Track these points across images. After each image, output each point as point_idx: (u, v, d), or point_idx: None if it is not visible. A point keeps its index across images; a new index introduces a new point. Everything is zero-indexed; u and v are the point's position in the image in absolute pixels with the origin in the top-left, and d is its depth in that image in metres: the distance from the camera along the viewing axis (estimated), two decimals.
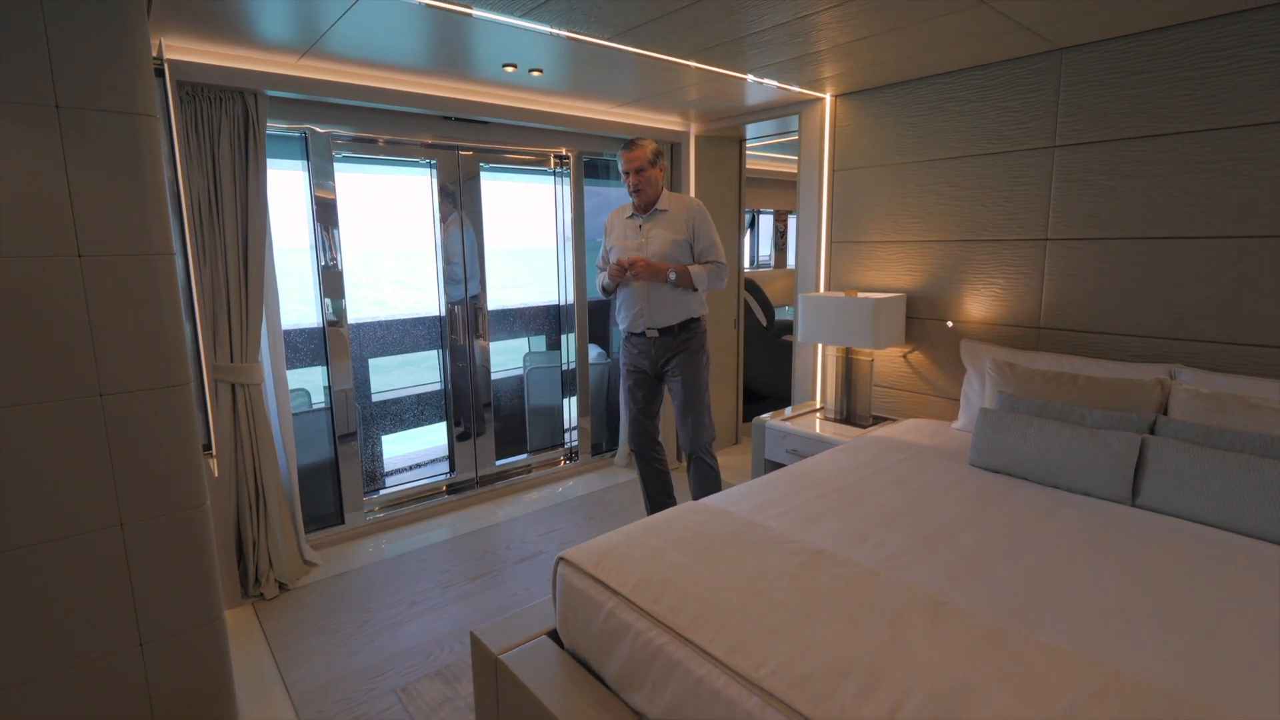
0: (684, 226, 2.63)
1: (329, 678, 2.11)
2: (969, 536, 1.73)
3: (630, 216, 2.73)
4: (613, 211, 2.84)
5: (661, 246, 2.62)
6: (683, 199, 2.69)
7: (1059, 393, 2.22)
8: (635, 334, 2.74)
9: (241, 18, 1.97)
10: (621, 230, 2.74)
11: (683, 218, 2.63)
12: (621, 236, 2.73)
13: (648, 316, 2.67)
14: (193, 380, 1.76)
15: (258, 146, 2.38)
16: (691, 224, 2.63)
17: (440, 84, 2.79)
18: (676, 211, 2.65)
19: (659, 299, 2.64)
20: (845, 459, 2.35)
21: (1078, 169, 2.38)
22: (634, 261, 2.57)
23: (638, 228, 2.69)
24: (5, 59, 1.41)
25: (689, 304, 2.68)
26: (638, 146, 2.58)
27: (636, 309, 2.69)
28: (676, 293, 2.63)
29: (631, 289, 2.67)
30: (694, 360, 2.70)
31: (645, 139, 2.61)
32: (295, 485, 2.75)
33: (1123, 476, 1.91)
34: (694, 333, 2.72)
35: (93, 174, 1.53)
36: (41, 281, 1.50)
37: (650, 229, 2.66)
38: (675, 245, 2.62)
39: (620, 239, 2.73)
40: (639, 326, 2.70)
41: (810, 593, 1.43)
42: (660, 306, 2.65)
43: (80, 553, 1.61)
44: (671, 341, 2.69)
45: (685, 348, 2.70)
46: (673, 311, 2.65)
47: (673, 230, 2.63)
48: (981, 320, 2.69)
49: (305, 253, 2.87)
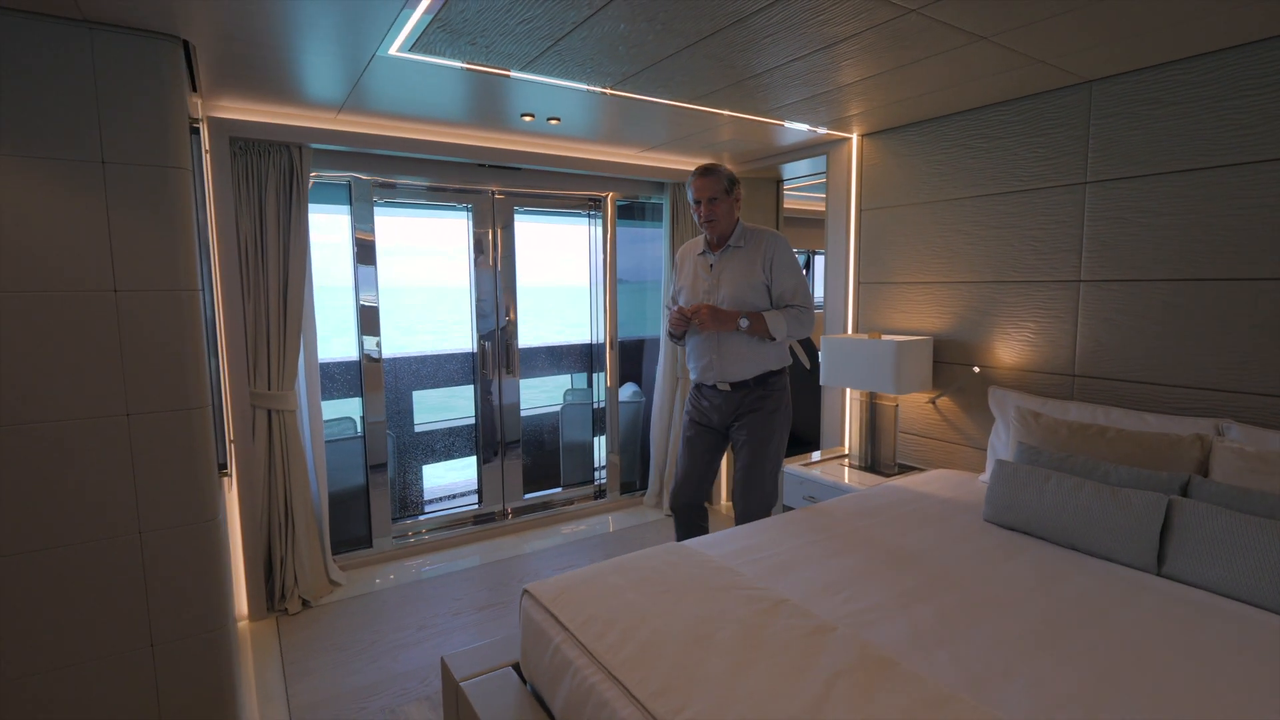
0: (760, 266, 2.34)
1: (327, 693, 2.19)
2: (954, 597, 1.60)
3: (702, 253, 2.46)
4: (684, 246, 2.59)
5: (734, 289, 2.34)
6: (760, 232, 2.40)
7: (1085, 446, 2.04)
8: (706, 385, 2.46)
9: (286, 81, 2.21)
10: (692, 269, 2.48)
11: (758, 256, 2.35)
12: (691, 276, 2.47)
13: (718, 369, 2.38)
14: (210, 404, 1.93)
15: (301, 194, 2.62)
16: (769, 262, 2.34)
17: (472, 133, 2.97)
18: (752, 248, 2.36)
19: (732, 349, 2.36)
20: (851, 507, 2.25)
21: (1111, 206, 2.22)
22: (697, 309, 2.31)
23: (708, 267, 2.42)
24: (64, 123, 1.65)
25: (766, 355, 2.37)
26: (711, 173, 2.32)
27: (706, 359, 2.41)
28: (752, 342, 2.34)
29: (701, 336, 2.41)
30: (767, 421, 2.39)
31: (719, 164, 2.36)
32: (325, 507, 2.91)
33: (1146, 541, 1.72)
34: (771, 389, 2.40)
35: (130, 219, 1.74)
36: (82, 312, 1.71)
37: (723, 268, 2.38)
38: (751, 288, 2.33)
39: (690, 279, 2.47)
40: (709, 378, 2.42)
41: (755, 642, 1.37)
42: (733, 357, 2.36)
43: (102, 556, 1.78)
44: (746, 397, 2.39)
45: (760, 406, 2.38)
46: (748, 364, 2.36)
47: (747, 270, 2.34)
48: (1013, 366, 2.53)
49: (348, 291, 3.10)
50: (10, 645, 1.69)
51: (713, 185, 2.31)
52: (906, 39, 1.84)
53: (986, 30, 1.80)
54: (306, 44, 1.89)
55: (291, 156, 2.59)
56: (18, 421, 1.66)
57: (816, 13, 1.66)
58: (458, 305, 3.54)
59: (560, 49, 1.88)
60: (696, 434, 2.50)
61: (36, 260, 1.65)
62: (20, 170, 1.62)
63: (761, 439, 2.39)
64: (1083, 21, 1.74)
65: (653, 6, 1.61)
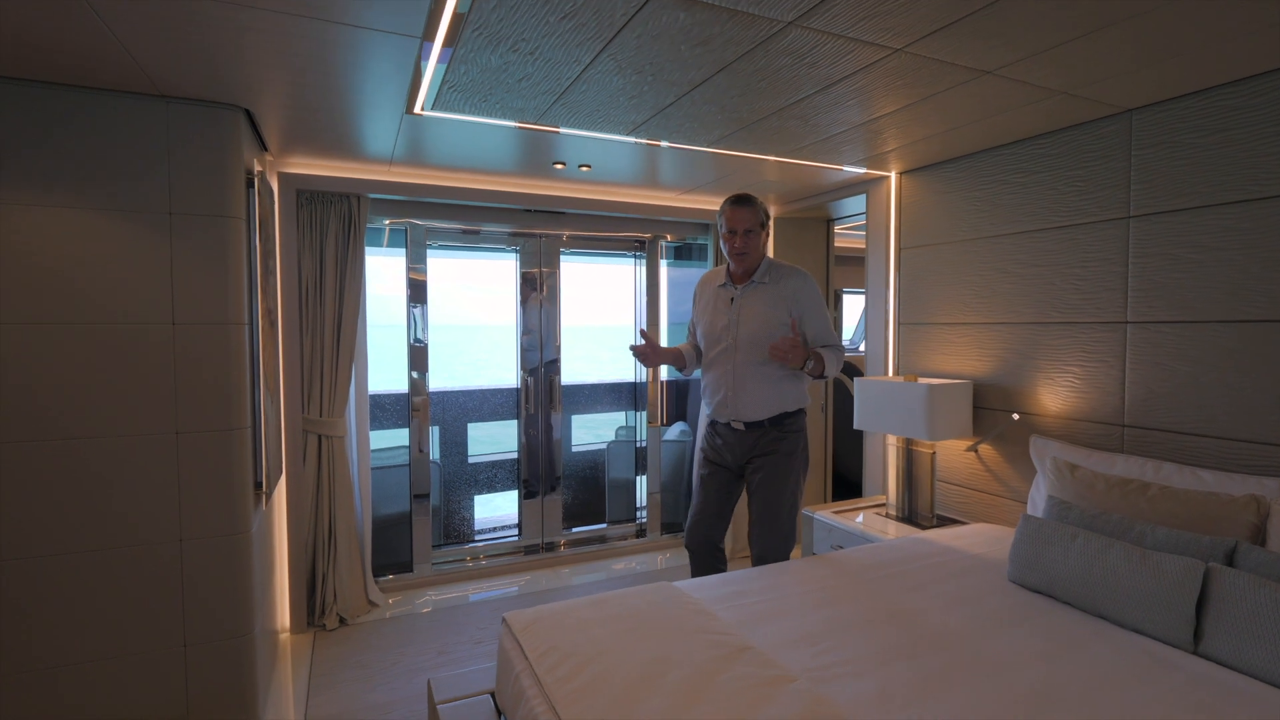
0: (786, 304, 2.25)
1: (341, 708, 2.30)
2: (942, 658, 1.49)
3: (723, 285, 2.36)
4: (703, 277, 2.50)
5: (756, 325, 2.24)
6: (786, 270, 2.31)
7: (1124, 504, 1.85)
8: (720, 423, 2.38)
9: (338, 139, 2.47)
10: (711, 301, 2.38)
11: (786, 294, 2.26)
12: (710, 309, 2.37)
13: (733, 406, 2.28)
14: (250, 426, 2.14)
15: (358, 239, 2.89)
16: (796, 302, 2.25)
17: (517, 180, 3.16)
18: (778, 285, 2.27)
19: (749, 386, 2.25)
20: (865, 557, 2.14)
21: (1157, 241, 2.05)
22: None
23: (729, 300, 2.32)
24: (140, 180, 1.94)
25: (784, 395, 2.26)
26: (748, 203, 2.23)
27: (721, 395, 2.31)
28: (771, 379, 2.24)
29: (719, 371, 2.32)
30: (783, 465, 2.28)
31: (754, 195, 2.27)
32: (368, 530, 3.09)
33: (1180, 613, 1.52)
34: (788, 431, 2.29)
35: (189, 261, 2.00)
36: (144, 341, 1.96)
37: (745, 303, 2.29)
38: (776, 327, 2.23)
39: (709, 312, 2.37)
40: (723, 416, 2.34)
41: (702, 687, 1.34)
42: (749, 396, 2.26)
43: (146, 560, 2.00)
44: (761, 439, 2.29)
45: (776, 449, 2.27)
46: (765, 403, 2.26)
47: (772, 307, 2.25)
48: (1058, 414, 2.33)
49: (400, 327, 3.34)
50: (60, 635, 1.92)
51: (750, 217, 2.23)
52: (903, 77, 1.82)
53: (988, 65, 1.75)
54: (347, 108, 2.12)
55: (350, 205, 2.87)
56: (82, 435, 1.91)
57: (800, 57, 1.69)
58: (504, 342, 3.72)
59: (566, 101, 2.01)
60: (710, 473, 2.43)
61: (109, 296, 1.92)
62: (102, 221, 1.91)
63: (777, 483, 2.29)
64: (1093, 51, 1.66)
65: (639, 59, 1.70)
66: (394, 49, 1.67)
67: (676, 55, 1.67)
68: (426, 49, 1.66)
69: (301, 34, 1.58)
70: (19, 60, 1.70)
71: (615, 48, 1.63)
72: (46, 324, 1.87)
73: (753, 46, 1.62)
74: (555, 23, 1.49)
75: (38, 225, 1.85)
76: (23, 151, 1.83)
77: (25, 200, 1.84)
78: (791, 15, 1.46)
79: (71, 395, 1.90)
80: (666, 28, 1.52)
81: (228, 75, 1.82)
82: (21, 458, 1.86)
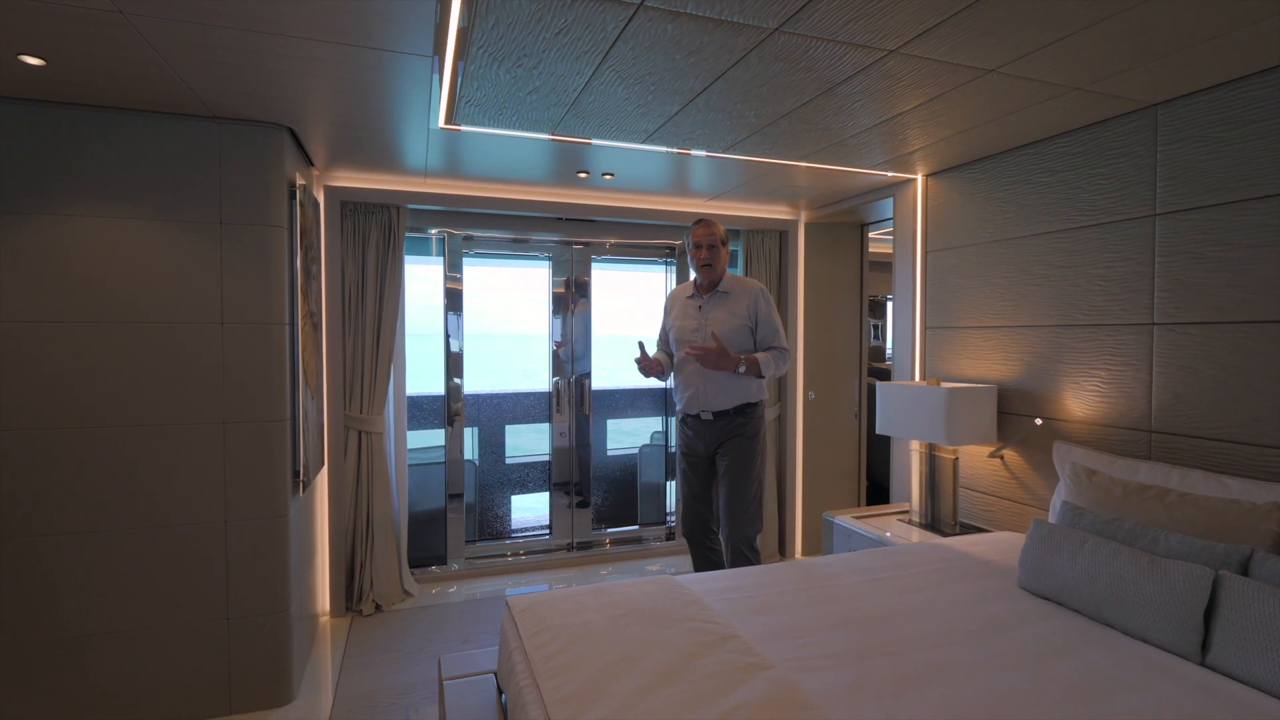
0: (746, 310, 2.60)
1: (368, 688, 2.44)
2: (926, 656, 1.48)
3: (691, 296, 2.71)
4: (673, 291, 2.85)
5: (720, 330, 2.56)
6: (745, 282, 2.67)
7: (1140, 510, 1.78)
8: (690, 416, 2.69)
9: (376, 153, 2.65)
10: (681, 310, 2.72)
11: (745, 301, 2.61)
12: (681, 317, 2.71)
13: (703, 399, 2.61)
14: (289, 418, 2.32)
15: (397, 247, 3.07)
16: (754, 308, 2.60)
17: (548, 189, 3.29)
18: (739, 295, 2.63)
19: (717, 381, 2.58)
20: (874, 559, 2.12)
21: (1185, 240, 1.97)
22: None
23: (697, 309, 2.66)
24: (195, 193, 2.15)
25: (747, 387, 2.60)
26: (710, 224, 2.62)
27: (692, 390, 2.64)
28: (735, 376, 2.56)
29: (690, 369, 2.62)
30: (747, 446, 2.60)
31: (713, 218, 2.66)
32: (404, 523, 3.26)
33: (1187, 622, 1.47)
34: (750, 418, 2.63)
35: (236, 266, 2.20)
36: (195, 340, 2.17)
37: (711, 310, 2.63)
38: (736, 330, 2.58)
39: (679, 319, 2.71)
40: (694, 409, 2.65)
41: (678, 670, 1.38)
42: (717, 389, 2.59)
43: (196, 538, 2.19)
44: (726, 425, 2.61)
45: (740, 433, 2.61)
46: (729, 395, 2.59)
47: (733, 314, 2.60)
48: (1083, 420, 2.26)
49: (438, 331, 3.52)
50: (116, 605, 2.12)
51: (714, 234, 2.62)
52: (903, 79, 1.83)
53: (988, 63, 1.74)
54: (379, 125, 2.28)
55: (390, 215, 3.06)
56: (139, 423, 2.12)
57: (794, 62, 1.73)
58: (538, 347, 3.84)
59: (577, 112, 2.10)
60: (689, 465, 2.73)
61: (164, 298, 2.13)
62: (160, 230, 2.13)
63: (743, 461, 2.59)
64: (1094, 45, 1.63)
65: (637, 69, 1.78)
66: (412, 69, 1.80)
67: (673, 65, 1.74)
68: (441, 68, 1.79)
69: (330, 59, 1.73)
70: (90, 89, 1.93)
71: (614, 59, 1.71)
72: (108, 323, 2.09)
73: (744, 54, 1.67)
74: (552, 38, 1.59)
75: (103, 236, 2.08)
76: (91, 171, 2.06)
77: (92, 214, 2.07)
78: (775, 22, 1.51)
79: (130, 387, 2.11)
80: (657, 39, 1.60)
81: (269, 97, 2.01)
82: (85, 443, 2.08)
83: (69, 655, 2.08)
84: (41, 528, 2.05)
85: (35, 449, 2.03)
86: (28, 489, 2.03)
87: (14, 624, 2.03)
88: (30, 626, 2.05)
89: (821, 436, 3.84)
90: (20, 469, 2.02)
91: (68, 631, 2.08)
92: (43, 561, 2.05)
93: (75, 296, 2.06)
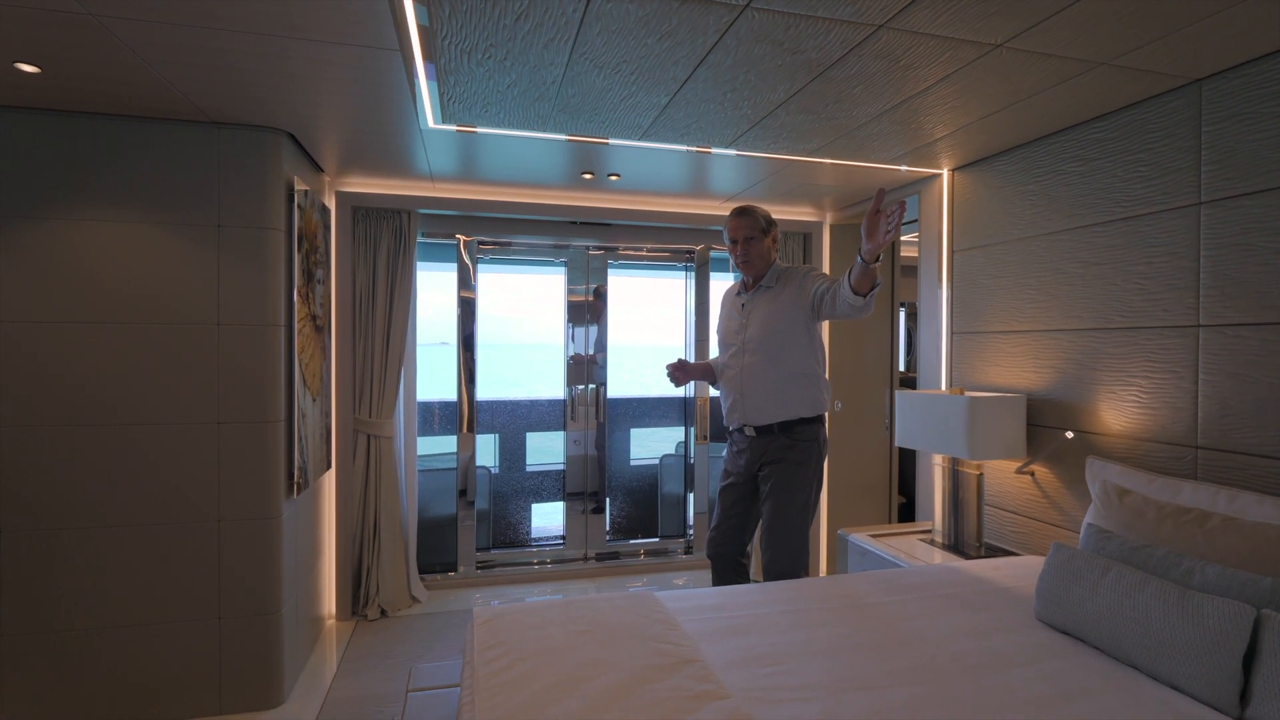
0: (791, 299, 2.23)
1: (359, 692, 2.41)
2: (908, 693, 1.32)
3: (738, 294, 2.41)
4: (726, 290, 2.54)
5: (761, 326, 2.25)
6: (791, 271, 2.31)
7: (1176, 535, 1.57)
8: (735, 430, 2.35)
9: (378, 157, 2.66)
10: (728, 310, 2.44)
11: (790, 289, 2.24)
12: (726, 317, 2.43)
13: (741, 410, 2.27)
14: (283, 419, 2.33)
15: (408, 252, 3.08)
16: (801, 288, 2.22)
17: (560, 193, 3.24)
18: (783, 285, 2.28)
19: (754, 387, 2.24)
20: (880, 582, 1.96)
21: (1234, 230, 1.74)
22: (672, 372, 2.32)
23: (740, 307, 2.35)
24: (193, 196, 2.19)
25: (791, 398, 2.20)
26: (746, 214, 2.28)
27: (732, 399, 2.31)
28: (779, 382, 2.21)
29: (727, 377, 2.34)
30: (792, 475, 2.20)
31: (755, 206, 2.32)
32: (413, 528, 3.24)
33: (1223, 668, 1.26)
34: (798, 439, 2.21)
35: (234, 268, 2.23)
36: (192, 341, 2.20)
37: (754, 308, 2.30)
38: (779, 320, 2.22)
39: (725, 319, 2.43)
40: (734, 421, 2.32)
41: (625, 694, 1.27)
42: (754, 398, 2.23)
43: (188, 536, 2.21)
44: (770, 445, 2.23)
45: (784, 458, 2.21)
46: (770, 406, 2.21)
47: (778, 308, 2.24)
48: (1121, 434, 2.03)
49: (452, 337, 3.51)
50: (107, 600, 2.15)
51: (748, 225, 2.29)
52: (901, 58, 1.69)
53: (993, 38, 1.58)
54: (373, 128, 2.28)
55: (401, 220, 3.08)
56: (136, 422, 2.16)
57: (777, 43, 1.61)
58: (553, 354, 3.80)
59: (562, 107, 2.04)
60: (727, 484, 2.39)
61: (163, 299, 2.18)
62: (159, 233, 2.17)
63: (786, 494, 2.22)
64: (1112, 10, 1.45)
65: (610, 55, 1.70)
66: (388, 64, 1.77)
67: (648, 50, 1.66)
68: (416, 65, 1.76)
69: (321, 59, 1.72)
70: (86, 96, 1.98)
71: (584, 46, 1.64)
72: (108, 323, 2.14)
73: (720, 35, 1.57)
74: (513, 24, 1.53)
75: (103, 239, 2.13)
76: (93, 177, 2.12)
77: (94, 218, 2.12)
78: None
79: (128, 386, 2.15)
80: (624, 21, 1.52)
81: (265, 101, 2.02)
82: (82, 440, 2.13)
83: (61, 650, 2.13)
84: (40, 523, 2.11)
85: (32, 446, 2.09)
86: (24, 485, 2.09)
87: (7, 619, 2.09)
88: (24, 620, 2.10)
89: (848, 449, 3.63)
90: (18, 465, 2.09)
91: (61, 626, 2.12)
92: (37, 557, 2.11)
93: (75, 298, 2.12)
